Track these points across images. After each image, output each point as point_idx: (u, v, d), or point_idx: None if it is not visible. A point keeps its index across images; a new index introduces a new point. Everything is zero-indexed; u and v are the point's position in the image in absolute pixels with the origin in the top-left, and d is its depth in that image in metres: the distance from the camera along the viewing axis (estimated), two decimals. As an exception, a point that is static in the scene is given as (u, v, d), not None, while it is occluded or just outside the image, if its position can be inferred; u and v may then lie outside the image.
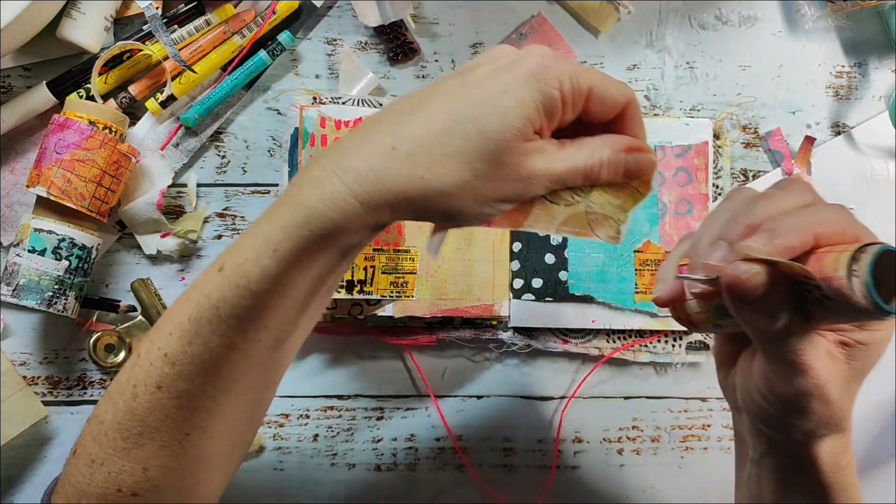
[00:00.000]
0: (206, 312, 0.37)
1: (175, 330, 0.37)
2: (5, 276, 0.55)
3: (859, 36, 0.63)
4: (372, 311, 0.56)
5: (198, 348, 0.37)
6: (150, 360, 0.38)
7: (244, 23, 0.60)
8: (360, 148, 0.36)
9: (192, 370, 0.37)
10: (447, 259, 0.57)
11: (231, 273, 0.36)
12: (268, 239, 0.36)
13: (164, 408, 0.38)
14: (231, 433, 0.41)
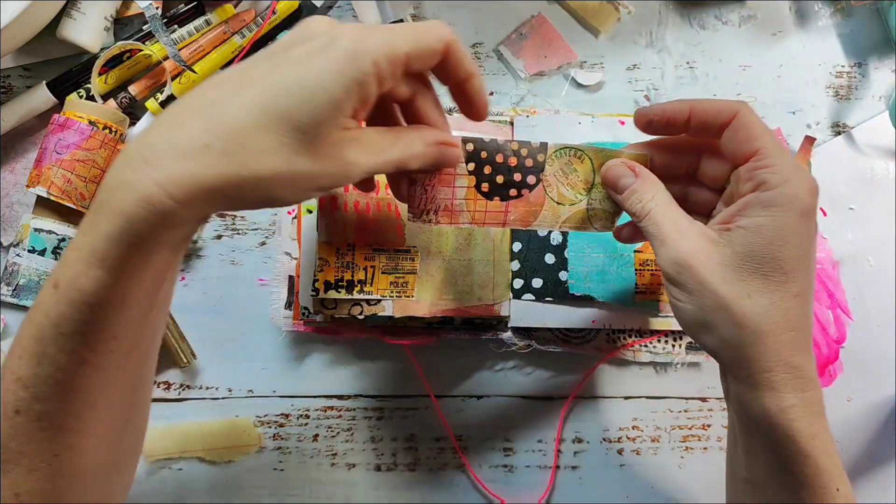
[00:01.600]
0: (48, 331, 0.36)
1: (23, 353, 0.36)
2: (5, 276, 0.55)
3: (859, 36, 0.63)
4: (372, 311, 0.56)
5: (47, 368, 0.36)
6: (5, 386, 0.37)
7: (244, 23, 0.60)
8: (172, 146, 0.35)
9: (46, 391, 0.36)
10: (447, 259, 0.57)
11: (65, 289, 0.35)
12: (93, 250, 0.35)
13: (26, 432, 0.37)
14: (106, 445, 0.40)
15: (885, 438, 0.61)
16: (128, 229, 0.34)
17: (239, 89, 0.36)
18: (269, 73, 0.36)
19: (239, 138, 0.35)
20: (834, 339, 0.62)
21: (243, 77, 0.37)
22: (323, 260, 0.54)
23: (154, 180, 0.34)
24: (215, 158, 0.35)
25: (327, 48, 0.36)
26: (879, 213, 0.62)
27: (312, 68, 0.36)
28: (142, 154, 0.35)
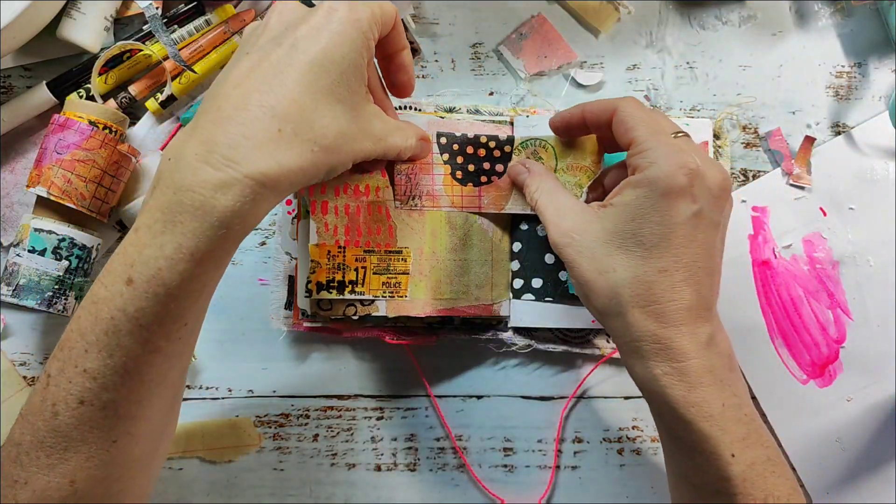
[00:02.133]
0: (124, 325, 0.37)
1: (91, 346, 0.37)
2: (5, 276, 0.55)
3: (859, 36, 0.63)
4: (366, 311, 0.56)
5: (120, 359, 0.37)
6: (68, 378, 0.37)
7: (244, 23, 0.60)
8: (249, 140, 0.37)
9: (115, 380, 0.37)
10: (441, 259, 0.57)
11: (146, 284, 0.36)
12: (180, 246, 0.36)
13: (89, 420, 0.38)
14: (154, 433, 0.41)
15: (885, 438, 0.61)
16: (221, 224, 0.36)
17: (279, 75, 0.39)
18: (296, 56, 0.39)
19: (304, 118, 0.38)
20: (834, 338, 0.62)
21: (272, 64, 0.39)
22: (315, 262, 0.54)
23: (246, 175, 0.37)
24: (290, 141, 0.38)
25: (332, 20, 0.40)
26: (879, 213, 0.62)
27: (331, 40, 0.39)
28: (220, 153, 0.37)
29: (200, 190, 0.36)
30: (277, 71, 0.39)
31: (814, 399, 0.61)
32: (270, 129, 0.37)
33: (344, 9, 0.40)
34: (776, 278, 0.62)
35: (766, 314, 0.62)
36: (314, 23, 0.40)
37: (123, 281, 0.37)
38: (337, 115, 0.40)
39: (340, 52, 0.39)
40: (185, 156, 0.37)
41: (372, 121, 0.44)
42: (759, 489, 0.41)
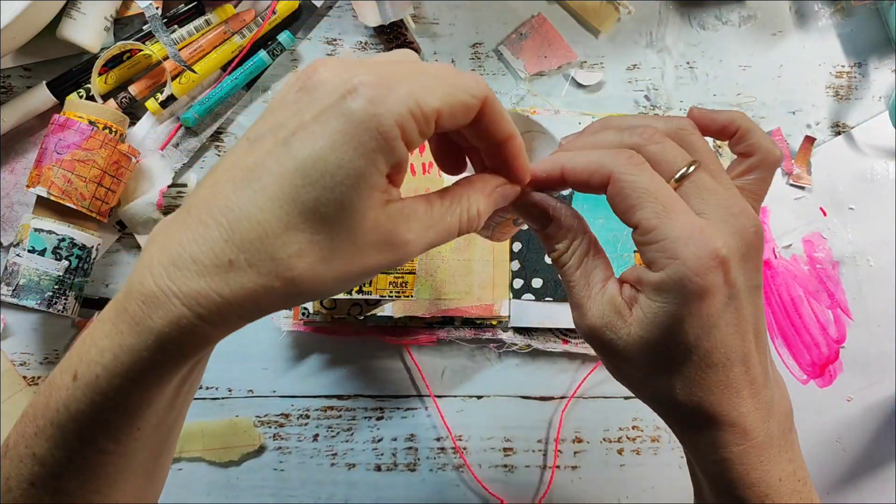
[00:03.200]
0: (67, 423, 0.33)
1: (39, 432, 0.34)
2: (5, 276, 0.55)
3: (859, 36, 0.63)
4: (371, 311, 0.56)
5: (66, 452, 0.34)
6: (19, 456, 0.35)
7: (244, 23, 0.60)
8: (194, 263, 0.31)
9: (63, 471, 0.34)
10: (447, 259, 0.57)
11: (85, 387, 0.33)
12: (116, 359, 0.32)
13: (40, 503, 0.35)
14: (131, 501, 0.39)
15: (885, 438, 0.61)
16: (157, 349, 0.32)
17: (252, 181, 0.31)
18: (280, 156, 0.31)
19: (265, 247, 0.30)
20: (834, 338, 0.62)
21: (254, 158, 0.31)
22: None
23: (181, 300, 0.31)
24: (242, 274, 0.31)
25: (339, 114, 0.30)
26: (879, 213, 0.62)
27: (329, 143, 0.30)
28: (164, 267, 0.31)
29: (138, 302, 0.32)
30: (255, 175, 0.31)
31: (814, 399, 0.61)
32: (221, 257, 0.30)
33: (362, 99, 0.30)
34: (776, 278, 0.62)
35: (766, 314, 0.62)
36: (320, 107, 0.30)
37: (71, 375, 0.33)
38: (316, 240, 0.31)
39: (337, 160, 0.30)
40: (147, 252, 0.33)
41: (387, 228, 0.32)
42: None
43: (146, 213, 0.59)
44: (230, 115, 0.61)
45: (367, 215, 0.31)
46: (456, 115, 0.33)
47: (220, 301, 0.31)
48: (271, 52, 0.60)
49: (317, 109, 0.31)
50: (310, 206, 0.30)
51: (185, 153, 0.61)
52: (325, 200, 0.30)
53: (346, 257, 0.31)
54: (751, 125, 0.39)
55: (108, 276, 0.61)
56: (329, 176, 0.30)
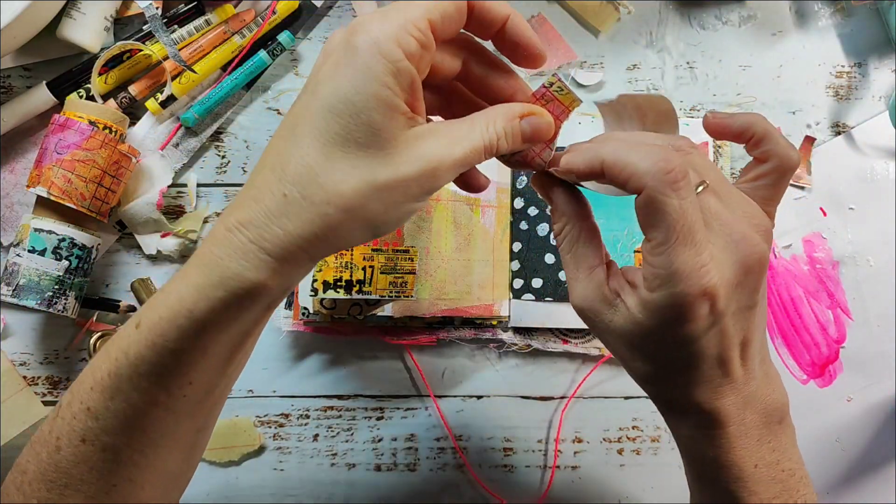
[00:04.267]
0: (125, 369, 0.35)
1: (96, 385, 0.36)
2: (5, 276, 0.55)
3: (859, 36, 0.63)
4: (371, 311, 0.56)
5: (120, 403, 0.36)
6: (73, 413, 0.37)
7: (244, 23, 0.60)
8: (255, 203, 0.34)
9: (115, 424, 0.36)
10: (446, 259, 0.57)
11: (147, 331, 0.35)
12: (181, 298, 0.34)
13: (88, 460, 0.37)
14: (162, 481, 0.40)
15: (885, 438, 0.61)
16: (220, 284, 0.34)
17: (293, 129, 0.35)
18: (310, 102, 0.35)
19: (312, 178, 0.34)
20: (834, 338, 0.62)
21: (293, 116, 0.36)
22: (322, 260, 0.54)
23: (248, 237, 0.34)
24: (297, 205, 0.34)
25: (348, 52, 0.34)
26: (879, 213, 0.62)
27: (346, 77, 0.34)
28: (233, 214, 0.35)
29: (209, 246, 0.35)
30: (293, 124, 0.35)
31: (814, 399, 0.61)
32: (276, 193, 0.34)
33: (363, 34, 0.34)
34: (776, 278, 0.62)
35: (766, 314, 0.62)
36: (334, 58, 0.34)
37: (135, 323, 0.36)
38: (357, 164, 0.34)
39: (354, 88, 0.33)
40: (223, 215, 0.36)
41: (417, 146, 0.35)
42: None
43: (146, 213, 0.59)
44: (230, 115, 0.61)
45: (395, 135, 0.34)
46: (451, 17, 0.36)
47: (282, 235, 0.34)
48: (271, 52, 0.60)
49: (332, 59, 0.34)
50: (342, 135, 0.34)
51: (185, 153, 0.61)
52: (353, 126, 0.34)
53: (387, 177, 0.34)
54: (767, 129, 0.40)
55: (108, 276, 0.61)
56: (351, 104, 0.33)
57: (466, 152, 0.36)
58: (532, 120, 0.38)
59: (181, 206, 0.61)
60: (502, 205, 0.59)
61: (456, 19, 0.36)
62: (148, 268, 0.61)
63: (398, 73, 0.34)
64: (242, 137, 0.62)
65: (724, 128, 0.41)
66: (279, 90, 0.62)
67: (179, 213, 0.61)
